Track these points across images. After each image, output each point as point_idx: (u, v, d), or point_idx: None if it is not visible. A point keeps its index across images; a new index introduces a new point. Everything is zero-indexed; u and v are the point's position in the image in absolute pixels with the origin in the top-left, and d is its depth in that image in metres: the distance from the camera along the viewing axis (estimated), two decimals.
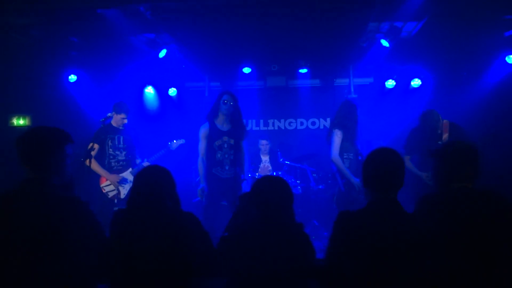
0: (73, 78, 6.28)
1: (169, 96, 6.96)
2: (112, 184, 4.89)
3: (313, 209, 6.02)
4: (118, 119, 4.92)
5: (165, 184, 2.25)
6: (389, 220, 1.96)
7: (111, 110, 4.90)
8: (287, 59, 6.55)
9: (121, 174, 4.92)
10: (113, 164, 4.91)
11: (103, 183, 4.89)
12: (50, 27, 5.28)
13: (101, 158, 4.89)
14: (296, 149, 6.92)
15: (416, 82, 6.39)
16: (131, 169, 4.99)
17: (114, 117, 4.91)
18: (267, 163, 6.39)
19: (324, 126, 7.15)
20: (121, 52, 6.06)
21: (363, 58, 6.27)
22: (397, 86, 6.51)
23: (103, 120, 4.31)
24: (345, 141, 4.33)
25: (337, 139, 4.29)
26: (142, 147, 5.27)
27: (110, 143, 4.89)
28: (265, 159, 6.43)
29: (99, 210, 4.70)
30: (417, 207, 2.20)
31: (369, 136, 5.33)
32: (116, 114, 4.91)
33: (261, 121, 7.39)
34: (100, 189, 4.89)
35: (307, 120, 7.27)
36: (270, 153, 6.45)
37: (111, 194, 4.90)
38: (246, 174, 4.36)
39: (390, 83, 6.50)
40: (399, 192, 2.10)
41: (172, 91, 6.89)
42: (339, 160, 4.27)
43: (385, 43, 5.44)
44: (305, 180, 6.15)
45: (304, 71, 6.56)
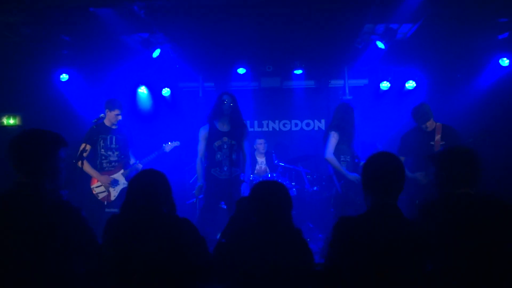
0: (64, 77, 6.18)
1: (163, 96, 6.89)
2: (102, 186, 4.80)
3: (307, 211, 5.99)
4: (112, 116, 4.81)
5: (161, 189, 2.19)
6: (389, 226, 1.94)
7: (103, 110, 4.82)
8: (282, 60, 6.53)
9: (112, 176, 4.83)
10: (104, 165, 4.81)
11: (93, 184, 4.81)
12: (42, 26, 5.19)
13: (93, 158, 4.81)
14: (290, 151, 6.90)
15: (410, 84, 6.42)
16: (123, 170, 4.90)
17: (108, 115, 4.79)
18: (264, 165, 6.34)
19: (319, 128, 7.14)
20: (114, 51, 5.98)
21: (358, 60, 6.26)
22: (391, 87, 6.52)
23: (95, 121, 4.25)
24: (341, 143, 4.32)
25: (333, 140, 4.28)
26: (136, 148, 5.19)
27: (102, 143, 4.79)
28: (261, 160, 6.38)
29: (89, 212, 4.62)
30: (417, 213, 2.18)
31: (364, 138, 5.32)
32: (109, 111, 4.80)
33: (255, 122, 7.35)
34: (91, 190, 4.80)
35: (301, 122, 7.25)
36: (265, 154, 6.41)
37: (101, 196, 4.81)
38: (246, 175, 4.35)
39: (385, 85, 6.52)
40: None
41: (166, 91, 6.81)
42: (333, 159, 4.25)
43: (380, 45, 5.43)
44: (299, 182, 6.13)
45: (299, 72, 6.53)
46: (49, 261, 1.81)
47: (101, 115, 4.41)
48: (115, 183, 4.84)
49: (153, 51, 5.67)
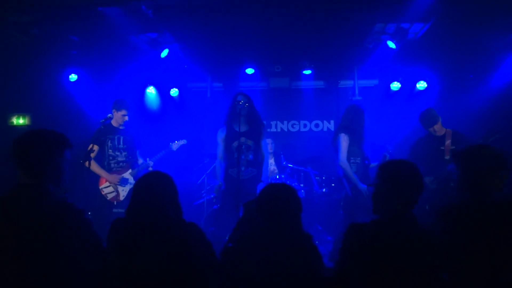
0: (73, 77, 6.20)
1: (171, 97, 6.88)
2: (111, 186, 4.79)
3: (316, 213, 5.92)
4: (118, 117, 4.81)
5: (167, 192, 2.14)
6: (403, 233, 1.85)
7: (111, 110, 4.81)
8: (291, 60, 6.47)
9: (121, 175, 4.82)
10: (112, 165, 4.80)
11: (102, 184, 4.79)
12: (51, 26, 5.21)
13: (100, 159, 4.80)
14: (299, 152, 6.82)
15: (421, 85, 6.31)
16: (131, 170, 4.89)
17: (115, 115, 4.79)
18: (273, 166, 6.28)
19: (328, 129, 7.06)
20: (123, 51, 5.99)
21: (368, 60, 6.18)
22: (402, 88, 6.43)
23: (102, 121, 4.24)
24: (352, 145, 4.26)
25: (344, 143, 4.22)
26: (144, 148, 5.17)
27: (109, 143, 4.78)
28: (270, 161, 6.32)
29: (97, 213, 4.63)
30: (435, 219, 2.05)
31: (374, 140, 5.23)
32: (116, 111, 4.80)
33: (263, 123, 7.27)
34: (99, 191, 4.78)
35: (310, 122, 7.17)
36: (274, 155, 6.35)
37: (110, 196, 4.79)
38: (264, 175, 4.33)
39: (395, 85, 6.42)
40: None
41: (174, 92, 6.81)
42: (347, 165, 4.19)
43: (391, 44, 5.35)
44: (308, 183, 6.06)
45: (308, 72, 6.48)
46: (51, 264, 1.78)
47: (109, 115, 4.40)
48: (124, 181, 4.82)
49: (161, 51, 5.66)
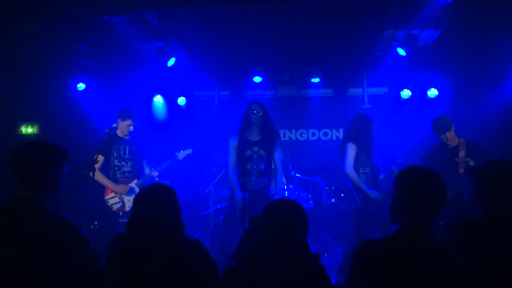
0: (81, 86, 6.21)
1: (178, 105, 6.86)
2: (116, 196, 4.73)
3: (325, 224, 5.81)
4: (123, 127, 4.75)
5: (169, 207, 2.06)
6: (420, 254, 1.69)
7: (116, 120, 4.78)
8: (299, 68, 6.42)
9: (128, 185, 4.77)
10: (118, 175, 4.75)
11: (107, 195, 4.74)
12: (58, 35, 5.22)
13: (106, 169, 4.74)
14: (307, 161, 6.72)
15: (432, 92, 6.19)
16: (136, 180, 4.83)
17: (120, 125, 4.74)
18: None
19: (337, 137, 6.96)
20: (130, 60, 5.99)
21: (377, 67, 6.09)
22: (413, 96, 6.31)
23: (107, 131, 4.21)
24: (360, 155, 4.16)
25: (351, 152, 4.13)
26: (150, 157, 5.12)
27: (115, 153, 4.73)
28: None
29: (103, 224, 4.57)
30: (454, 236, 1.92)
31: (383, 149, 5.12)
32: (121, 121, 4.75)
33: None
34: (105, 202, 4.72)
35: (319, 131, 7.08)
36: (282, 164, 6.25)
37: (115, 207, 4.73)
38: (278, 187, 4.25)
39: (405, 93, 6.30)
40: None
41: (181, 100, 6.79)
42: (354, 174, 4.09)
43: (401, 51, 5.25)
44: (317, 193, 5.94)
45: (316, 80, 6.40)
46: (46, 283, 1.71)
47: (114, 125, 4.38)
48: (131, 191, 4.77)
49: (168, 59, 5.64)
